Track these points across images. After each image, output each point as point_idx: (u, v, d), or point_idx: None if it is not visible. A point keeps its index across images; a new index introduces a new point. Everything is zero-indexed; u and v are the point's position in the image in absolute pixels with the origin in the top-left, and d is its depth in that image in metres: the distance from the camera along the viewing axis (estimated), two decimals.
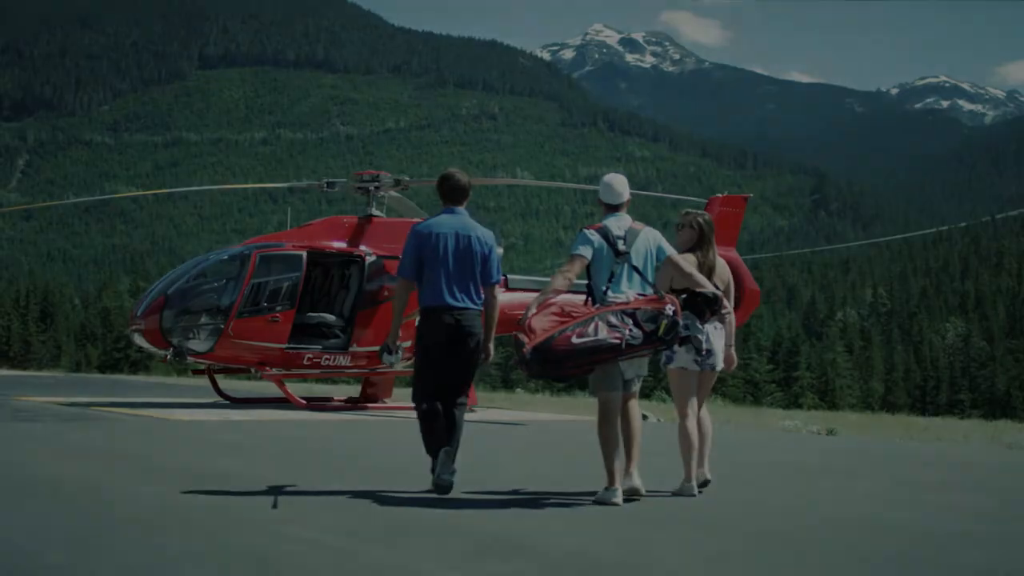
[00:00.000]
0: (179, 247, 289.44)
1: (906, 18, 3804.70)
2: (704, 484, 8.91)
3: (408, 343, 9.93)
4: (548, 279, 9.89)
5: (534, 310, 8.04)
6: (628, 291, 8.31)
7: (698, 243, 9.11)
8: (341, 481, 8.69)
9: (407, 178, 20.71)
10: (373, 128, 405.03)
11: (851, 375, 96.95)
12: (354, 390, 24.13)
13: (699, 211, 9.32)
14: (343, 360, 19.63)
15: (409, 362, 20.96)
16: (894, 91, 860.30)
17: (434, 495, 8.15)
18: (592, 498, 8.18)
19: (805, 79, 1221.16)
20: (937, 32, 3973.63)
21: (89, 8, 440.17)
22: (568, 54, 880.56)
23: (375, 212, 20.84)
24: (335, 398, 21.49)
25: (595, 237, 8.43)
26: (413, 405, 8.69)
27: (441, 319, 8.41)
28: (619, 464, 8.24)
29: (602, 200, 8.75)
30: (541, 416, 20.07)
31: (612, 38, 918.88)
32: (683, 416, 8.90)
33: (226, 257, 19.36)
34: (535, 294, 8.95)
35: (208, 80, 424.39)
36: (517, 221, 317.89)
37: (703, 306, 8.44)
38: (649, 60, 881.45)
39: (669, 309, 8.00)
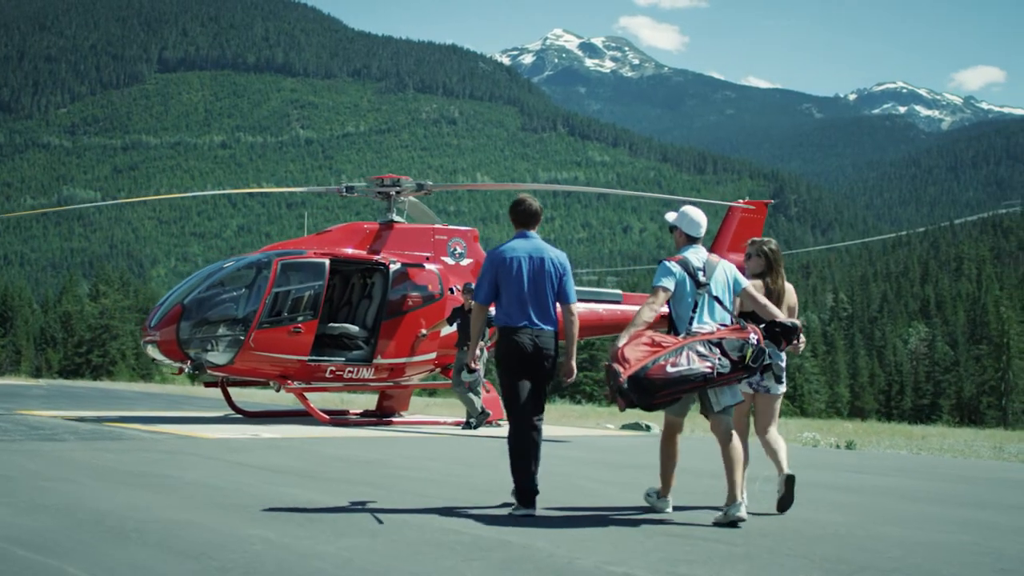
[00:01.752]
0: (137, 251, 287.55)
1: (863, 24, 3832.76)
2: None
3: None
4: None
5: (625, 340, 8.17)
6: (711, 321, 8.51)
7: (767, 270, 9.37)
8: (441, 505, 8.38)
9: (430, 183, 19.97)
10: (333, 132, 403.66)
11: (818, 380, 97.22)
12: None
13: (767, 239, 9.63)
14: (366, 372, 18.79)
15: (424, 375, 20.82)
16: (852, 97, 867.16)
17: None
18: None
19: (763, 84, 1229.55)
20: (894, 38, 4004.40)
21: (47, 10, 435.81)
22: (528, 59, 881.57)
23: (395, 218, 20.09)
24: (351, 411, 20.78)
25: (677, 269, 8.58)
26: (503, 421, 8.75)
27: (518, 340, 8.62)
28: (673, 478, 8.76)
29: (683, 231, 8.87)
30: (574, 431, 19.37)
31: (572, 43, 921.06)
32: (738, 435, 9.00)
33: (245, 265, 18.42)
34: None
35: (167, 83, 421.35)
36: (476, 225, 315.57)
37: (780, 336, 8.58)
38: (609, 65, 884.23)
39: (753, 338, 8.25)
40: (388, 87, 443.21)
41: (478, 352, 18.04)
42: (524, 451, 8.60)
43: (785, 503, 8.92)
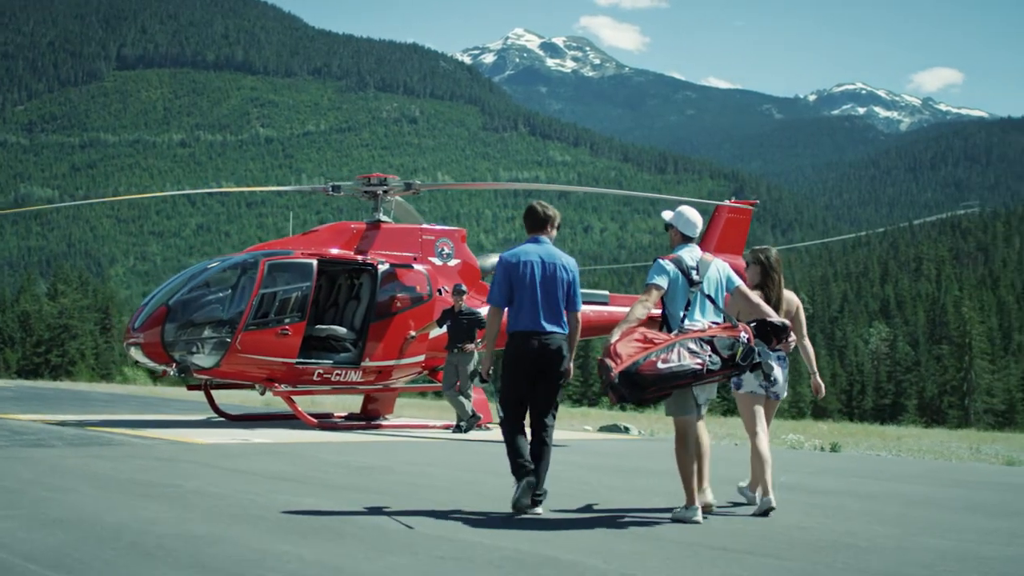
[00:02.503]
0: (95, 249, 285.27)
1: (823, 25, 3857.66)
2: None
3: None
4: None
5: (617, 336, 8.28)
6: (703, 319, 8.62)
7: (764, 278, 9.63)
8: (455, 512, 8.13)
9: (418, 182, 19.62)
10: (293, 131, 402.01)
11: None
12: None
13: (766, 247, 9.89)
14: (354, 375, 18.37)
15: (411, 378, 20.51)
16: (812, 97, 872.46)
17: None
18: (669, 516, 8.65)
19: (723, 85, 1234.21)
20: (854, 40, 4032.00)
21: (4, 7, 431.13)
22: (489, 58, 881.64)
23: (382, 218, 19.71)
24: (335, 414, 20.32)
25: (671, 267, 8.72)
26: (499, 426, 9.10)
27: (529, 343, 8.83)
28: (695, 483, 8.71)
29: (679, 230, 9.04)
30: (556, 434, 19.02)
31: (533, 42, 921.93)
32: (753, 435, 9.45)
33: (231, 265, 17.94)
34: None
35: (126, 81, 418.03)
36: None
37: (771, 334, 8.67)
38: (570, 65, 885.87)
39: (744, 336, 8.38)
40: (349, 86, 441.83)
41: (471, 348, 17.79)
42: (517, 449, 8.86)
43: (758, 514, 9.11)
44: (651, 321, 8.70)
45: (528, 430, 9.06)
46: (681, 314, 8.62)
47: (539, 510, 8.70)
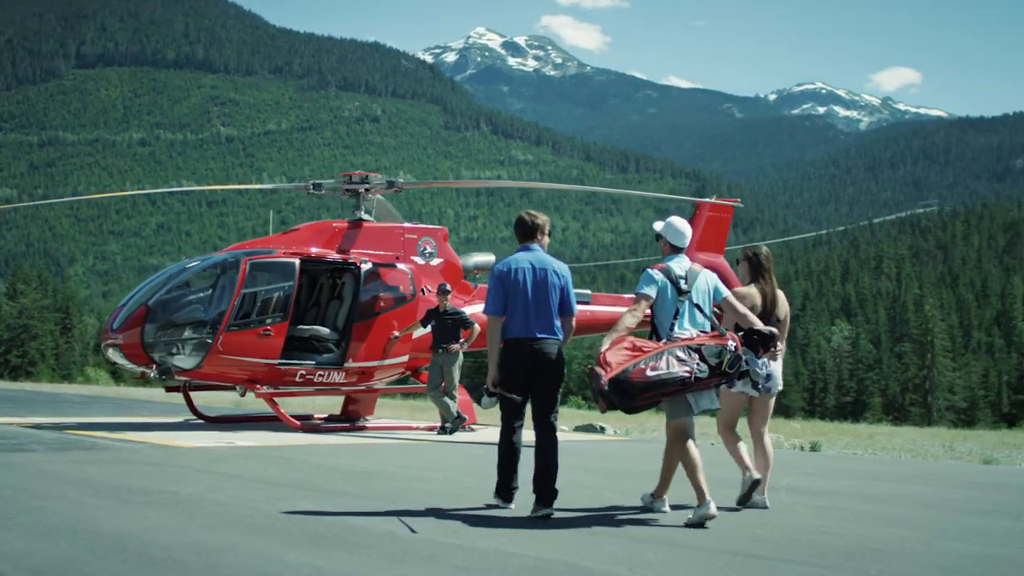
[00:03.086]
0: (54, 249, 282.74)
1: (783, 25, 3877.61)
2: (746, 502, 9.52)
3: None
4: None
5: (607, 345, 8.49)
6: (691, 328, 8.83)
7: (756, 275, 9.90)
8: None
9: (401, 180, 19.31)
10: (254, 129, 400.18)
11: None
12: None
13: (757, 245, 10.22)
14: (337, 376, 18.00)
15: (394, 379, 20.24)
16: (772, 97, 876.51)
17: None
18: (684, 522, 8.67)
19: (685, 84, 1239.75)
20: (814, 40, 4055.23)
21: None
22: (451, 57, 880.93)
23: (364, 216, 19.34)
24: (315, 416, 19.94)
25: (659, 277, 8.94)
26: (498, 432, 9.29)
27: (524, 349, 9.01)
28: (671, 480, 9.21)
29: (668, 241, 9.26)
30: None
31: (494, 41, 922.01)
32: (725, 427, 9.88)
33: (211, 265, 17.46)
34: None
35: (85, 79, 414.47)
36: None
37: (758, 343, 8.90)
38: (531, 64, 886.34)
39: (731, 344, 8.60)
40: (310, 84, 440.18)
41: (456, 348, 17.57)
42: (508, 453, 9.13)
43: (742, 501, 9.54)
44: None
45: (524, 437, 9.24)
46: (670, 323, 8.83)
47: (548, 510, 8.83)
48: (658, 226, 9.37)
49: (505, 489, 9.12)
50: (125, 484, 9.87)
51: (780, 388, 9.93)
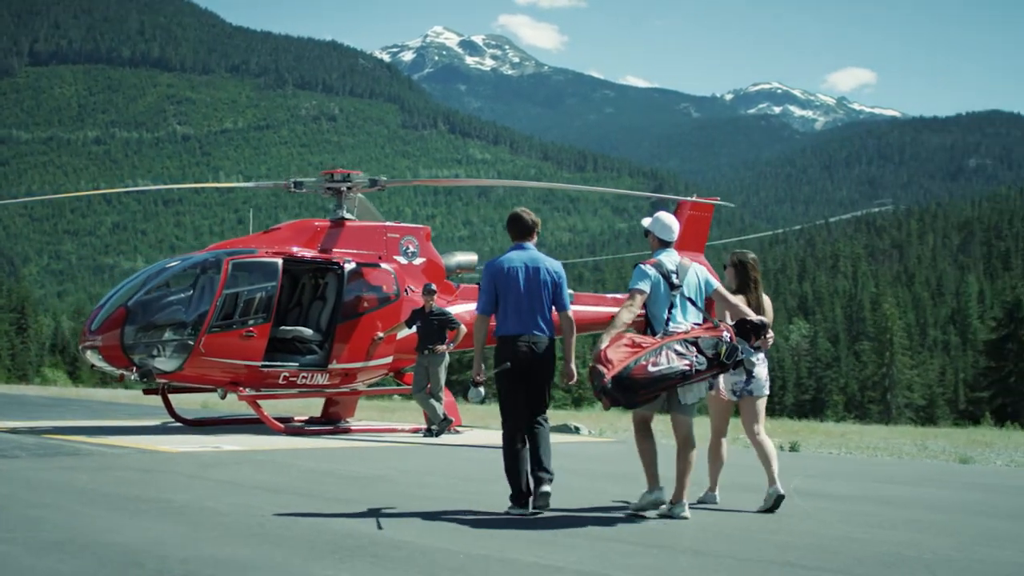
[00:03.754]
0: (8, 248, 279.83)
1: (740, 25, 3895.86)
2: (780, 498, 9.47)
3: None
4: None
5: (607, 342, 8.58)
6: (685, 321, 8.97)
7: (742, 281, 10.02)
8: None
9: (384, 178, 18.96)
10: (211, 128, 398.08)
11: None
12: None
13: (744, 251, 10.25)
14: (321, 378, 17.63)
15: (376, 381, 19.92)
16: (728, 96, 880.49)
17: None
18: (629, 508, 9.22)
19: (642, 84, 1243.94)
20: (770, 39, 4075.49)
21: None
22: (408, 56, 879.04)
23: (346, 215, 18.97)
24: (295, 418, 19.49)
25: (652, 272, 9.04)
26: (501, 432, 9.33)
27: (517, 346, 9.05)
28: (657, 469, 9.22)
29: (656, 236, 9.35)
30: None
31: (452, 40, 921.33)
32: (717, 434, 10.10)
33: (192, 265, 17.01)
34: None
35: (39, 77, 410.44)
36: None
37: (750, 332, 8.97)
38: (489, 63, 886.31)
39: (726, 335, 8.73)
40: (267, 83, 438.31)
41: (443, 349, 17.31)
42: (516, 455, 9.11)
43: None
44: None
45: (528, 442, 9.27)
46: (664, 316, 8.94)
47: (547, 488, 9.02)
48: (646, 222, 9.46)
49: (516, 494, 9.06)
50: (117, 492, 9.56)
51: (767, 392, 9.93)
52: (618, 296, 22.67)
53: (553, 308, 9.26)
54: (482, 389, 9.31)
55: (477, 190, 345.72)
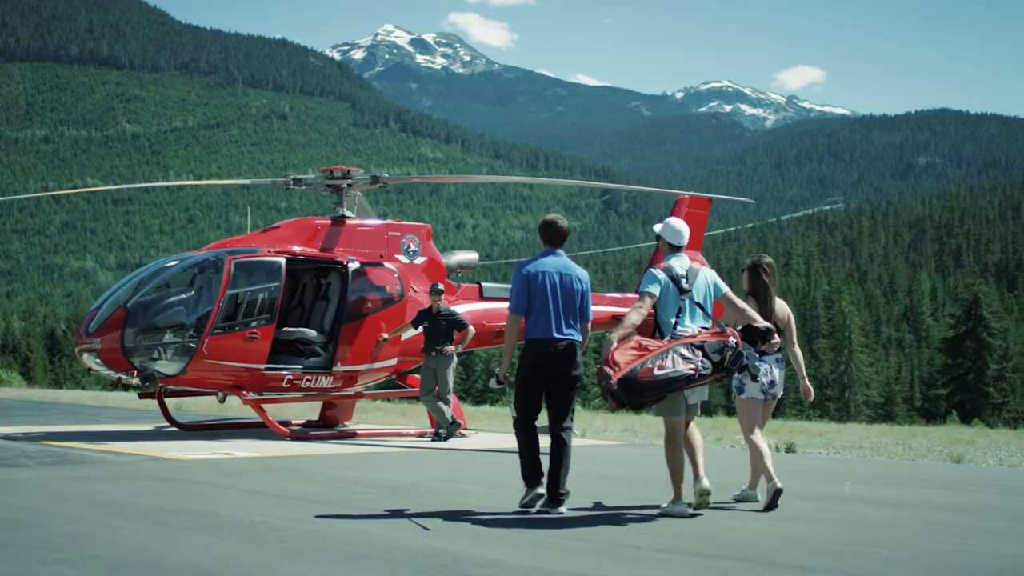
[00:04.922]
0: None
1: (690, 24, 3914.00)
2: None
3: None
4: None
5: (615, 344, 8.82)
6: (693, 325, 9.20)
7: (757, 285, 10.20)
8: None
9: (385, 175, 18.51)
10: (160, 126, 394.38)
11: None
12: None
13: (761, 255, 10.59)
14: (325, 381, 17.13)
15: (378, 383, 19.48)
16: (679, 95, 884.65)
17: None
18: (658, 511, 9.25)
19: (592, 82, 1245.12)
20: (720, 38, 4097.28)
21: None
22: (359, 54, 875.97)
23: (347, 213, 18.52)
24: (293, 422, 18.95)
25: (662, 276, 9.27)
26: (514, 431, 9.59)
27: (547, 350, 9.33)
28: (683, 479, 9.33)
29: (667, 241, 9.60)
30: (502, 438, 18.25)
31: (402, 39, 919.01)
32: (749, 433, 10.05)
33: (192, 264, 16.49)
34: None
35: None
36: None
37: (755, 338, 9.28)
38: (440, 61, 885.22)
39: (732, 341, 8.97)
40: (217, 81, 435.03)
41: (451, 350, 16.90)
42: (529, 448, 9.42)
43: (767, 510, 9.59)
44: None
45: (539, 432, 9.53)
46: (672, 320, 9.17)
47: (562, 509, 9.21)
48: (657, 227, 9.69)
49: (527, 474, 9.38)
50: (149, 503, 9.08)
51: (781, 394, 10.24)
52: (617, 296, 22.49)
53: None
54: (505, 386, 9.63)
55: (428, 188, 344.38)
